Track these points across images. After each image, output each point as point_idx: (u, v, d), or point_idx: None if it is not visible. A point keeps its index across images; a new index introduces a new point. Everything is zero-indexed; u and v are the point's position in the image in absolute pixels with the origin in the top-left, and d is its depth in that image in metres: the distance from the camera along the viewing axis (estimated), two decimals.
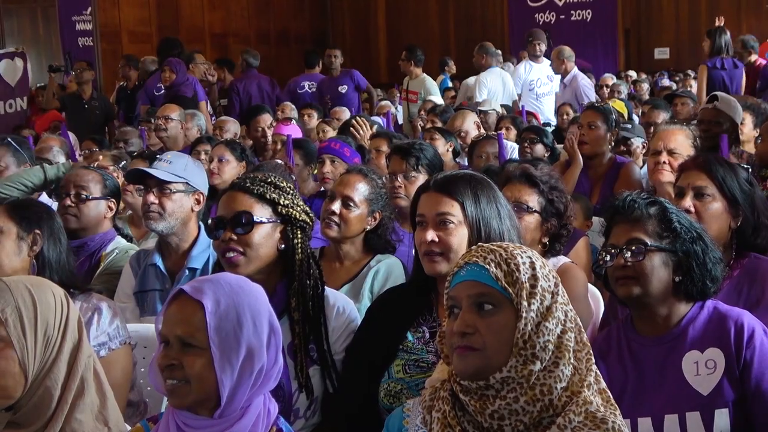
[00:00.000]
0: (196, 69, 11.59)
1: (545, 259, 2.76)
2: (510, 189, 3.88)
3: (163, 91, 10.89)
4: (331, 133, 8.12)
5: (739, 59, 11.02)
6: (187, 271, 4.16)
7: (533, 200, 3.87)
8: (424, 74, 11.84)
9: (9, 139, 6.07)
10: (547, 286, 2.29)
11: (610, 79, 13.18)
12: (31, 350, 2.55)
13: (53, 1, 16.71)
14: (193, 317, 2.36)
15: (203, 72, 11.78)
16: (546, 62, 11.70)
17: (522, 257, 2.30)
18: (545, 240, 3.87)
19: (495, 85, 11.23)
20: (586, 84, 11.09)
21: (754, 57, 11.07)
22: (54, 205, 4.88)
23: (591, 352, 2.33)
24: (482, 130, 8.02)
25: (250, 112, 9.12)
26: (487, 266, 2.28)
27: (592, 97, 10.75)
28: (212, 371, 2.34)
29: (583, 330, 2.34)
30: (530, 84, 11.45)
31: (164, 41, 12.23)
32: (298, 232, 3.31)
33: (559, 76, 11.44)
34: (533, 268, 2.30)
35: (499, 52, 12.08)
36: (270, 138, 8.39)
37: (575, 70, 11.14)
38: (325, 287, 3.37)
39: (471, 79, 11.53)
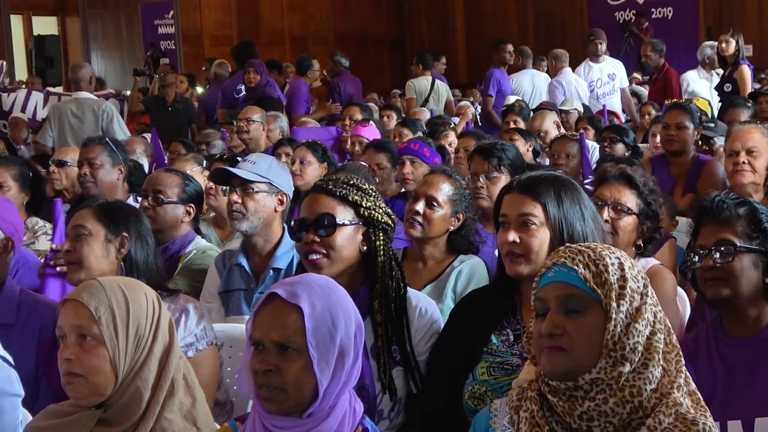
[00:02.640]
0: (313, 76, 11.76)
1: (635, 260, 2.74)
2: (609, 189, 3.86)
3: (243, 94, 10.98)
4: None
5: (646, 63, 11.35)
6: (271, 272, 4.17)
7: (632, 202, 3.84)
8: (422, 77, 12.23)
9: (107, 139, 6.16)
10: (636, 287, 2.27)
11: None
12: (122, 349, 2.59)
13: (136, 6, 17.00)
14: (289, 321, 2.36)
15: (317, 77, 12.00)
16: (609, 61, 11.69)
17: (611, 258, 2.28)
18: (639, 242, 3.85)
19: (523, 86, 11.70)
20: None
21: (662, 60, 10.99)
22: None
23: (680, 353, 2.30)
24: (562, 130, 7.97)
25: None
26: (576, 267, 2.27)
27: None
28: (308, 374, 2.35)
29: (672, 332, 2.32)
30: (590, 85, 11.44)
31: (240, 45, 12.32)
32: (380, 233, 3.31)
33: (621, 74, 11.54)
34: (622, 269, 2.27)
35: (530, 53, 12.45)
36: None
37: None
38: (408, 288, 3.38)
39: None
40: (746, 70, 10.36)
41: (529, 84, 11.87)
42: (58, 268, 3.97)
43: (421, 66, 12.28)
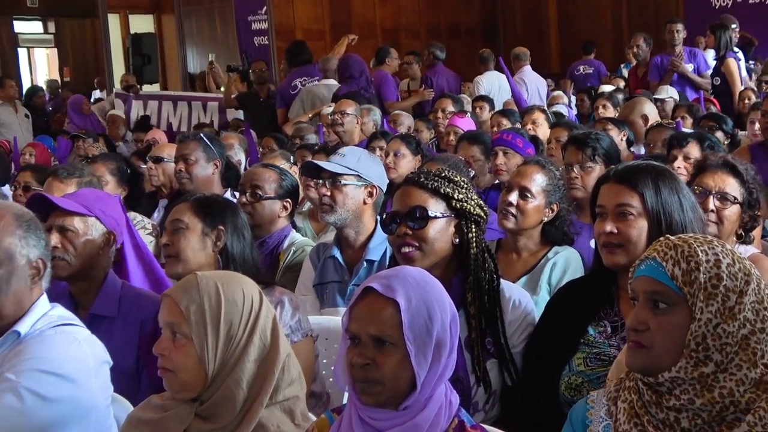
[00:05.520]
0: (392, 64, 11.77)
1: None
2: (712, 178, 3.80)
3: (298, 90, 11.06)
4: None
5: (636, 54, 11.34)
6: (365, 264, 4.19)
7: (736, 190, 3.78)
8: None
9: (201, 135, 6.23)
10: (732, 286, 2.16)
11: None
12: (211, 349, 2.58)
13: (230, 2, 17.17)
14: (386, 315, 2.36)
15: (396, 67, 11.99)
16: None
17: (707, 254, 2.18)
18: (740, 231, 3.78)
19: (491, 87, 11.79)
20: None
21: (650, 53, 10.89)
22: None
23: None
24: (652, 120, 7.83)
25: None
26: (664, 263, 2.19)
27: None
28: (405, 367, 2.35)
29: None
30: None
31: (293, 46, 12.28)
32: (473, 226, 3.30)
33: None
34: (718, 266, 2.17)
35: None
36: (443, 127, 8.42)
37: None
38: (501, 280, 3.36)
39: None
40: (733, 63, 10.47)
41: (495, 85, 11.78)
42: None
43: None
